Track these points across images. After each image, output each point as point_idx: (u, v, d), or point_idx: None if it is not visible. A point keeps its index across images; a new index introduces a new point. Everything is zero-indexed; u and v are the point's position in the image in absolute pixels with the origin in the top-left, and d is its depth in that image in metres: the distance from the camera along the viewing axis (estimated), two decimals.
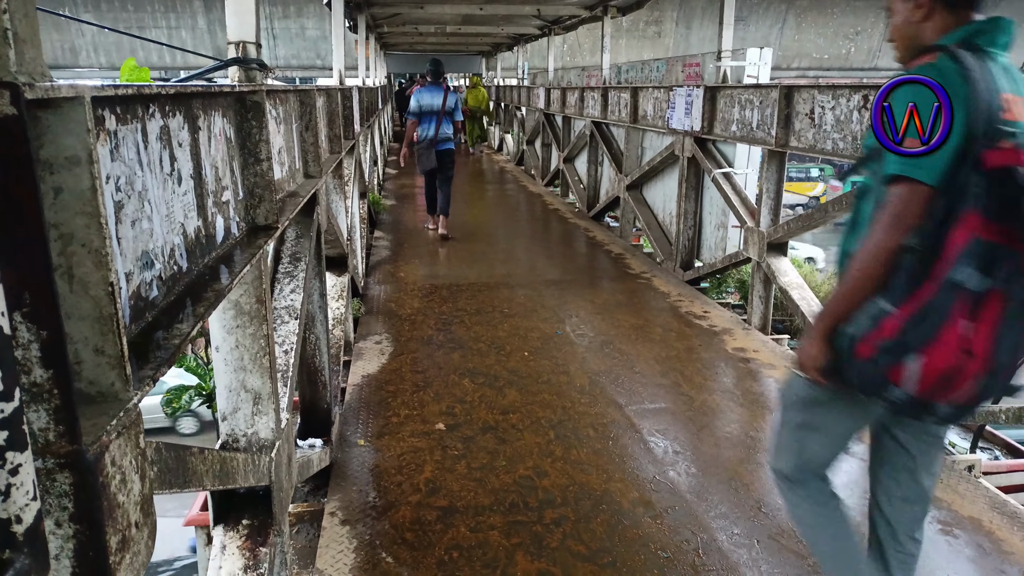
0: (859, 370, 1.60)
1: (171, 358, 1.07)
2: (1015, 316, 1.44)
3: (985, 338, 1.45)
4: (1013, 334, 1.46)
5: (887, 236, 1.54)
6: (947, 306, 1.45)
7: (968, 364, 1.46)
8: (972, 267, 1.43)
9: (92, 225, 0.87)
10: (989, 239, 1.43)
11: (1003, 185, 1.43)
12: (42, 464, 0.78)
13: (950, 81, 1.52)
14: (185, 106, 1.46)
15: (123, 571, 0.86)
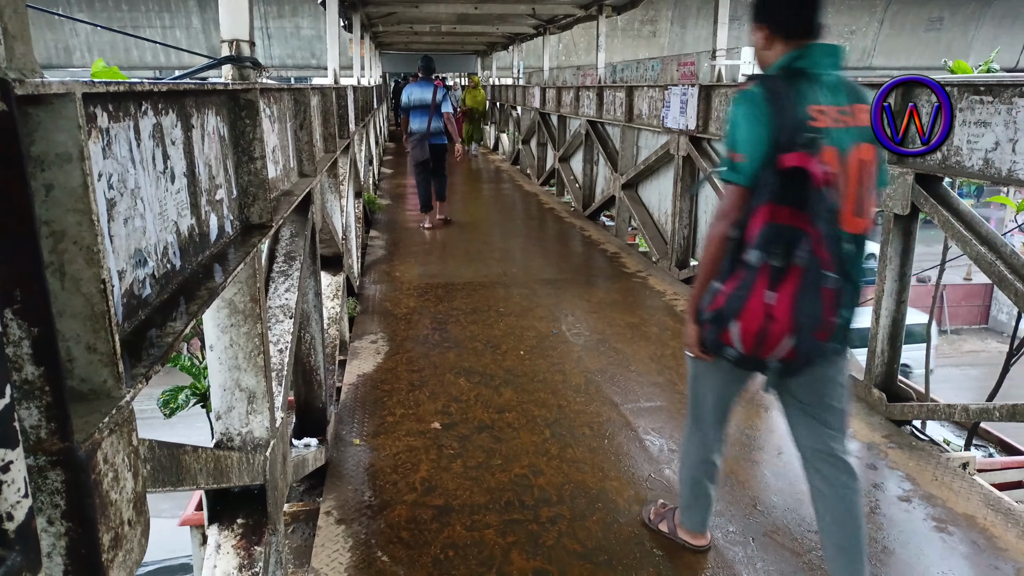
0: (707, 338, 2.02)
1: (164, 356, 1.07)
2: (810, 286, 1.79)
3: (785, 305, 1.81)
4: (809, 301, 1.79)
5: (716, 228, 1.98)
6: (752, 281, 1.84)
7: (772, 326, 1.83)
8: (761, 248, 1.82)
9: (84, 222, 0.86)
10: (782, 224, 1.80)
11: (794, 182, 1.79)
12: (34, 462, 0.77)
13: (758, 104, 1.90)
14: (178, 104, 1.46)
15: (116, 569, 0.86)
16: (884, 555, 2.57)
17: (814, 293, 1.79)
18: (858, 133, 1.95)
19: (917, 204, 3.36)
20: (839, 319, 1.87)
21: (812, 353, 1.89)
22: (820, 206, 1.78)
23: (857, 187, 1.94)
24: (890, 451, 3.29)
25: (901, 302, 3.61)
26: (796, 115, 1.86)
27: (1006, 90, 2.84)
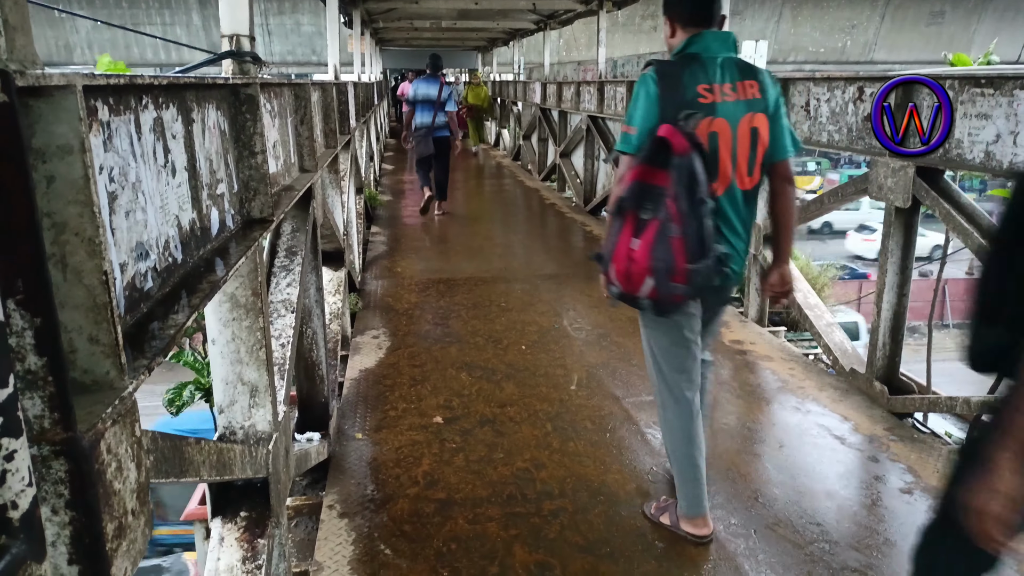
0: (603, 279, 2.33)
1: (167, 348, 1.08)
2: (662, 236, 2.10)
3: (643, 250, 2.13)
4: (662, 248, 2.11)
5: (614, 190, 2.30)
6: (620, 228, 2.19)
7: (634, 267, 2.15)
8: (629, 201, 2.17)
9: (85, 214, 0.87)
10: (646, 182, 2.14)
11: (662, 149, 2.12)
12: (37, 451, 0.78)
13: (650, 86, 2.25)
14: (179, 98, 1.46)
15: (120, 558, 0.87)
16: (886, 547, 2.58)
17: (666, 242, 2.11)
18: (747, 105, 2.28)
19: (918, 197, 3.36)
20: (696, 267, 2.13)
21: (672, 294, 2.17)
22: (680, 171, 2.10)
23: (748, 152, 2.29)
24: (892, 444, 3.29)
25: (903, 295, 3.61)
26: (684, 94, 2.22)
27: (1007, 82, 2.84)
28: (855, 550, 2.56)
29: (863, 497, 2.93)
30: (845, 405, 3.68)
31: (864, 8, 23.40)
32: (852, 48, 24.26)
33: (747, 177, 2.32)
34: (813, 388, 3.91)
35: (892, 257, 3.56)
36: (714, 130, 2.24)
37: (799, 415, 3.61)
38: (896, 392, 3.62)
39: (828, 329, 4.26)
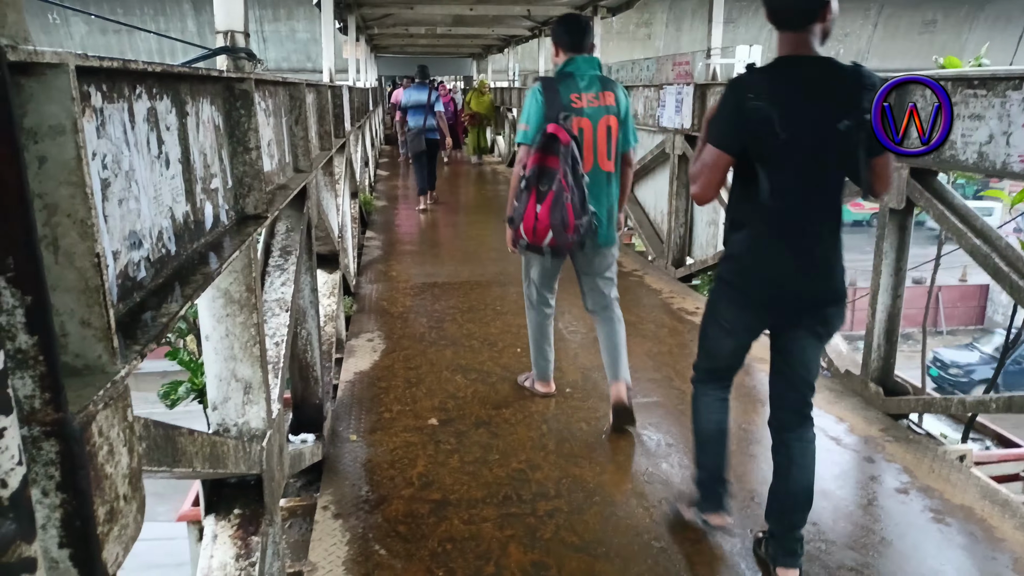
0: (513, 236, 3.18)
1: (160, 335, 1.07)
2: (558, 202, 2.96)
3: (544, 213, 2.97)
4: (559, 210, 2.96)
5: (515, 170, 3.18)
6: (527, 199, 3.04)
7: (539, 226, 3.00)
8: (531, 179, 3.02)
9: (77, 195, 0.86)
10: (543, 165, 2.99)
11: (551, 141, 2.98)
12: (28, 432, 0.77)
13: (537, 95, 3.15)
14: (173, 90, 1.46)
15: (111, 543, 0.86)
16: (882, 546, 2.57)
17: (561, 206, 2.96)
18: (605, 110, 3.16)
19: (912, 199, 3.37)
20: (580, 222, 3.02)
21: (566, 242, 3.04)
22: (565, 156, 2.96)
23: (606, 143, 3.19)
24: (887, 444, 3.29)
25: (897, 296, 3.62)
26: (560, 101, 3.10)
27: (999, 83, 2.85)
28: (851, 549, 2.55)
29: (859, 497, 2.93)
30: (840, 407, 3.68)
31: (857, 16, 23.54)
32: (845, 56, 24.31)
33: (607, 161, 3.22)
34: None
35: (886, 259, 3.57)
36: (581, 127, 3.12)
37: None
38: (891, 393, 3.62)
39: None
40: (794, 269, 2.16)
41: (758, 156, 2.07)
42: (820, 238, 2.15)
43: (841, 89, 2.06)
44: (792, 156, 2.06)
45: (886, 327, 3.65)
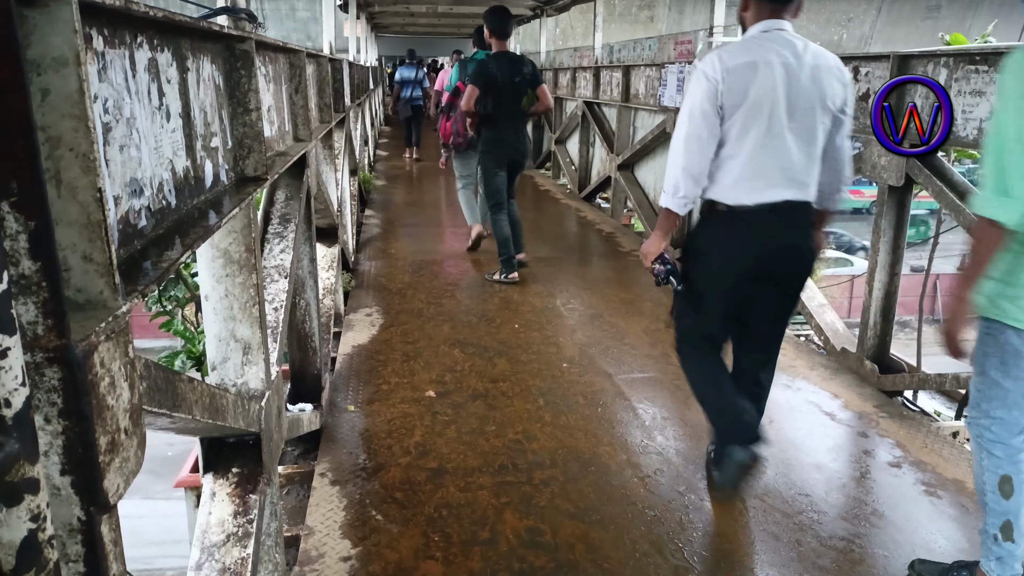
0: None
1: (160, 277, 1.08)
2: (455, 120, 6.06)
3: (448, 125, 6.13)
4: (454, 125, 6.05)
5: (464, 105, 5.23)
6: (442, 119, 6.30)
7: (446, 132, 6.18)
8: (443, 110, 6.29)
9: (80, 128, 0.86)
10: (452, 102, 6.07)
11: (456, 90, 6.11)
12: (31, 358, 0.78)
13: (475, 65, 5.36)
14: (174, 44, 1.46)
15: (112, 473, 0.87)
16: (874, 517, 2.60)
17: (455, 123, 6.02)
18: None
19: (911, 175, 3.37)
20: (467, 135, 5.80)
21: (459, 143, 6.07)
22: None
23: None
24: (881, 420, 3.32)
25: (894, 275, 3.63)
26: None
27: (1000, 58, 2.84)
28: (844, 520, 2.58)
29: (852, 470, 2.96)
30: (836, 383, 3.71)
31: (860, 2, 23.38)
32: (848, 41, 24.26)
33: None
34: (804, 367, 3.93)
35: (884, 236, 3.57)
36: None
37: (789, 392, 3.63)
38: (886, 371, 3.64)
39: (820, 310, 4.28)
40: (520, 143, 5.46)
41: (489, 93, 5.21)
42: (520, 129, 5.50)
43: (521, 63, 5.30)
44: (502, 89, 5.20)
45: (882, 305, 3.67)
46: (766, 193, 2.34)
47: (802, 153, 2.34)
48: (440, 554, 2.35)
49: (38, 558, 0.72)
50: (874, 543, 2.46)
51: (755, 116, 2.29)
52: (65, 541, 0.84)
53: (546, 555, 2.35)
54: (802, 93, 2.30)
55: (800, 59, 2.31)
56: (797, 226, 2.40)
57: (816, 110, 2.33)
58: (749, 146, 2.31)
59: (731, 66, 2.29)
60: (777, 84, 2.28)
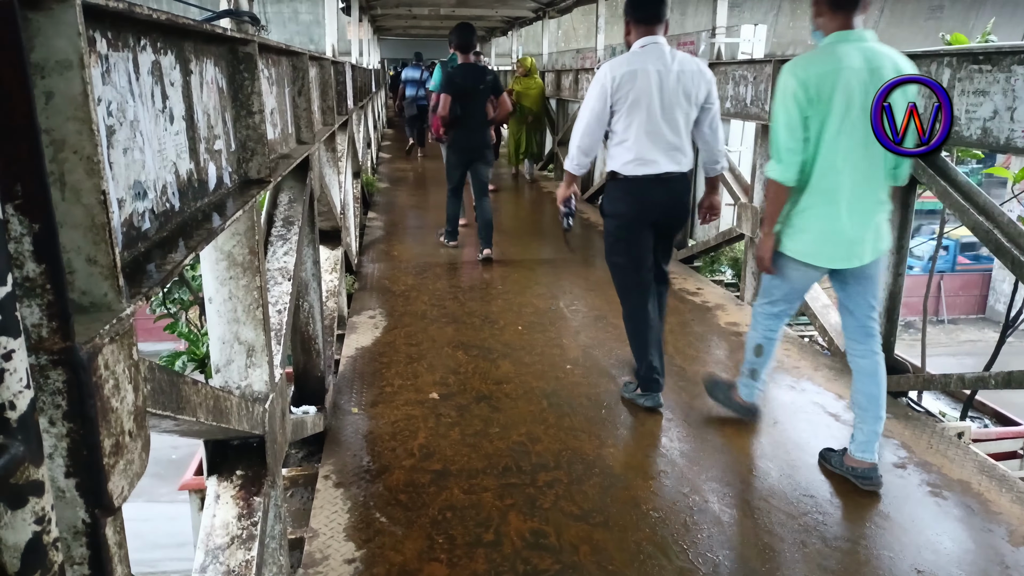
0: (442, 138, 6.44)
1: (164, 280, 1.08)
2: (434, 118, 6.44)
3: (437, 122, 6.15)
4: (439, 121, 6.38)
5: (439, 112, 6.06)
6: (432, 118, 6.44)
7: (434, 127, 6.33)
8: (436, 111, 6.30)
9: (84, 131, 0.87)
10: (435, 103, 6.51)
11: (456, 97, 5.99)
12: (35, 360, 0.78)
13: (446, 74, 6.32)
14: (177, 47, 1.46)
15: (117, 475, 0.87)
16: (879, 518, 2.59)
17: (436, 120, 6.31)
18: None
19: (915, 175, 3.36)
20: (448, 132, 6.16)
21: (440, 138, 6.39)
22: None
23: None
24: (886, 420, 3.30)
25: (898, 275, 3.62)
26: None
27: (1005, 58, 2.84)
28: (849, 521, 2.58)
29: None
30: (840, 384, 3.70)
31: None
32: None
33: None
34: (808, 368, 3.92)
35: None
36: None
37: (794, 393, 3.62)
38: (891, 372, 3.61)
39: (824, 311, 4.27)
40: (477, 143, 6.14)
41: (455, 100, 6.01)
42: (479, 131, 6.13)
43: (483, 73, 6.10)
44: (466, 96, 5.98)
45: (887, 305, 3.66)
46: (650, 167, 3.16)
47: (674, 137, 3.16)
48: (444, 556, 2.35)
49: (43, 560, 0.72)
50: (879, 544, 2.45)
51: (637, 110, 3.11)
52: (70, 543, 0.84)
53: (550, 557, 2.34)
54: (671, 92, 3.11)
55: (669, 66, 3.11)
56: (673, 190, 3.23)
57: (683, 104, 3.14)
58: (635, 133, 3.13)
59: (618, 74, 3.10)
60: (652, 86, 3.09)
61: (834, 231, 2.67)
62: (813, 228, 2.69)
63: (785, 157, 2.63)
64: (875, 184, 2.68)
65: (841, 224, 2.65)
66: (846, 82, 2.57)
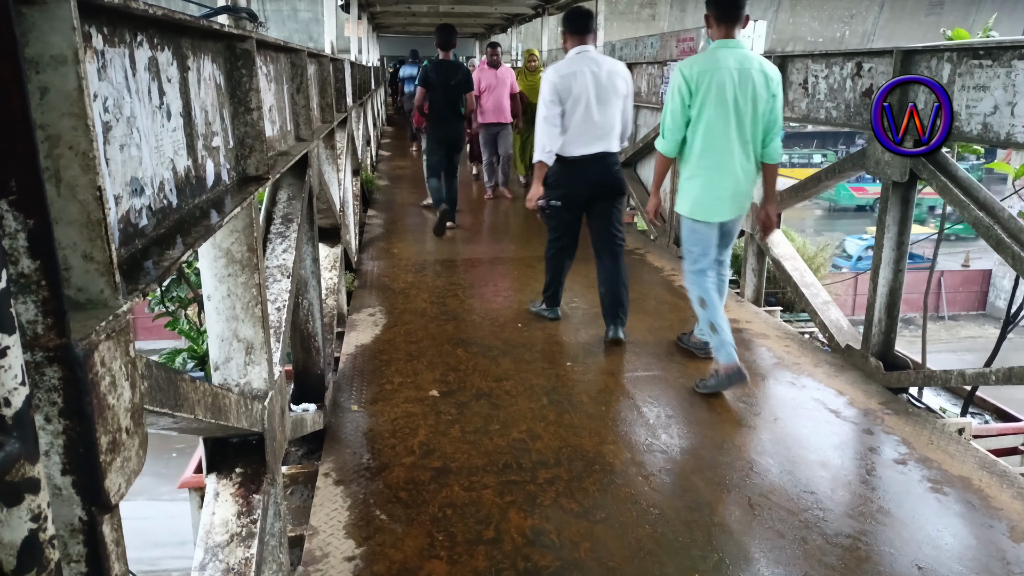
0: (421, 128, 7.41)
1: (161, 276, 1.07)
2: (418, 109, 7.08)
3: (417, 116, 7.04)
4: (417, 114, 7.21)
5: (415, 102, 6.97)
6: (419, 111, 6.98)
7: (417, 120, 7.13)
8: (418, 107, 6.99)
9: (79, 127, 0.86)
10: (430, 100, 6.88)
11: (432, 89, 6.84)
12: (31, 357, 0.78)
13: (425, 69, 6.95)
14: (174, 43, 1.45)
15: (114, 473, 0.86)
16: (880, 515, 2.59)
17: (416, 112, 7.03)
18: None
19: (915, 171, 3.35)
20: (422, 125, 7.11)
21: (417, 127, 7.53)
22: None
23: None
24: (886, 417, 3.30)
25: (899, 271, 3.62)
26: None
27: (1005, 53, 2.84)
28: (849, 517, 2.57)
29: (857, 467, 2.94)
30: (840, 380, 3.70)
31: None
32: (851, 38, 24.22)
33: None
34: (809, 364, 3.92)
35: (889, 232, 3.56)
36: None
37: (794, 390, 3.62)
38: (891, 368, 3.63)
39: (824, 307, 4.26)
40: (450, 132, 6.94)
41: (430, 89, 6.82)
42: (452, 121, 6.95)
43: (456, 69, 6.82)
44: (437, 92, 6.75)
45: (887, 301, 3.65)
46: (588, 148, 4.01)
47: (606, 124, 4.03)
48: (444, 554, 2.35)
49: (39, 558, 0.71)
50: (880, 540, 2.45)
51: (577, 104, 3.96)
52: (67, 541, 0.84)
53: (551, 554, 2.34)
54: (602, 88, 3.97)
55: (600, 68, 3.99)
56: (607, 166, 4.08)
57: (611, 98, 4.01)
58: (576, 122, 3.98)
59: (562, 75, 3.96)
60: (588, 84, 3.95)
61: (715, 194, 3.45)
62: (699, 193, 3.47)
63: (668, 136, 3.49)
64: (746, 159, 3.43)
65: (720, 189, 3.43)
66: (721, 79, 3.33)
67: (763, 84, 3.38)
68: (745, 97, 3.34)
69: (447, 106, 6.78)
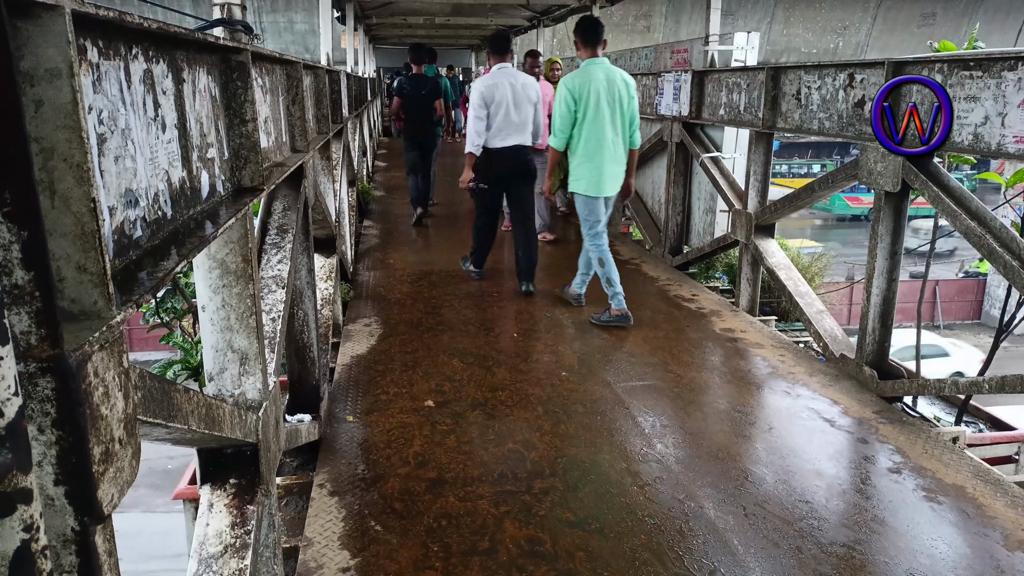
0: None
1: (155, 288, 1.08)
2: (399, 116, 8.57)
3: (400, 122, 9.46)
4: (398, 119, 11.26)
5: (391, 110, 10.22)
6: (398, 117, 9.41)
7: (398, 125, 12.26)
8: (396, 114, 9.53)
9: (73, 140, 0.87)
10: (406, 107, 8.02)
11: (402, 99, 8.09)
12: (24, 368, 0.78)
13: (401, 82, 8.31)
14: (169, 55, 1.46)
15: (107, 483, 0.87)
16: (875, 523, 2.59)
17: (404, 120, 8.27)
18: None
19: (908, 181, 3.38)
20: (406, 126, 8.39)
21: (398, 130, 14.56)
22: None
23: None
24: (881, 426, 3.31)
25: (892, 280, 3.63)
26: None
27: (995, 64, 2.86)
28: (844, 527, 2.57)
29: (852, 476, 2.95)
30: (835, 389, 3.70)
31: (856, 9, 23.49)
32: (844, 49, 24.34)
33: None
34: (803, 373, 3.92)
35: (882, 242, 3.58)
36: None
37: (789, 399, 3.63)
38: (885, 377, 3.64)
39: (819, 316, 4.28)
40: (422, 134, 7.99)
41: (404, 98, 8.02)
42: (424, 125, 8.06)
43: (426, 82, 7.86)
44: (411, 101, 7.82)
45: (881, 311, 3.67)
46: (506, 141, 5.12)
47: (520, 123, 5.15)
48: (439, 564, 2.34)
49: (31, 569, 0.71)
50: (875, 549, 2.45)
51: (499, 108, 5.08)
52: (59, 552, 0.84)
53: (546, 564, 2.34)
54: (518, 96, 5.13)
55: (516, 80, 5.16)
56: (522, 156, 5.21)
57: (525, 104, 5.16)
58: (498, 121, 5.09)
59: (488, 85, 5.10)
60: (507, 93, 5.09)
61: (597, 176, 4.52)
62: (586, 174, 4.54)
63: (559, 135, 4.57)
64: (617, 148, 4.56)
65: (600, 171, 4.51)
66: (596, 88, 4.43)
67: (624, 89, 4.50)
68: (613, 100, 4.46)
69: (420, 112, 7.90)
